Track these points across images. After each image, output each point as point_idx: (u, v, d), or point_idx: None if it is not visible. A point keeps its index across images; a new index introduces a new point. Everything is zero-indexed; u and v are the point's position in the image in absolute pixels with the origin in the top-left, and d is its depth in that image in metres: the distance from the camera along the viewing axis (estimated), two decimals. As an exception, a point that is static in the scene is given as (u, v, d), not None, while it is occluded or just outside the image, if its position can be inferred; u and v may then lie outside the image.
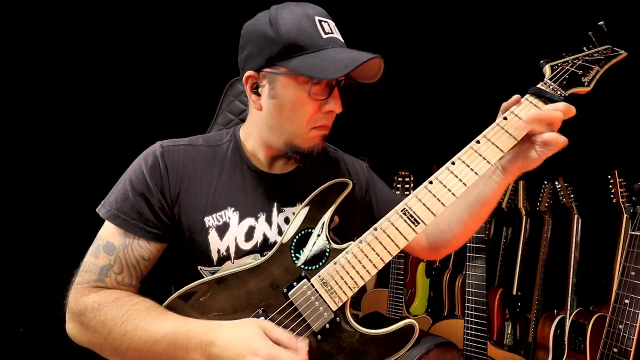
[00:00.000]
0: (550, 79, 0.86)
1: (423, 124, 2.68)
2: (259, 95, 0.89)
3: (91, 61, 1.96)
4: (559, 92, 0.84)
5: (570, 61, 0.89)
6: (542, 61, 0.91)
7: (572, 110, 0.79)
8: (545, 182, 2.19)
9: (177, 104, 2.14)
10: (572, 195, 2.08)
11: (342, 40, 0.89)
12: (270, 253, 0.87)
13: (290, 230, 0.89)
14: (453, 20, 2.50)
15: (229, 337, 0.73)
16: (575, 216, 2.07)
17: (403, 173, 2.22)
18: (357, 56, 0.80)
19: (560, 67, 0.88)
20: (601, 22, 0.90)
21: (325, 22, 0.86)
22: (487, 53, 2.41)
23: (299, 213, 0.90)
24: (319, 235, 0.87)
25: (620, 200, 1.81)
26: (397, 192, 2.18)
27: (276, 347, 0.73)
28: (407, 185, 2.17)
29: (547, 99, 0.82)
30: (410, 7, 2.48)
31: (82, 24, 1.92)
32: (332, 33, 0.86)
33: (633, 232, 1.47)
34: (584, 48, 0.92)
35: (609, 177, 1.86)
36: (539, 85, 0.85)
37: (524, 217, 2.29)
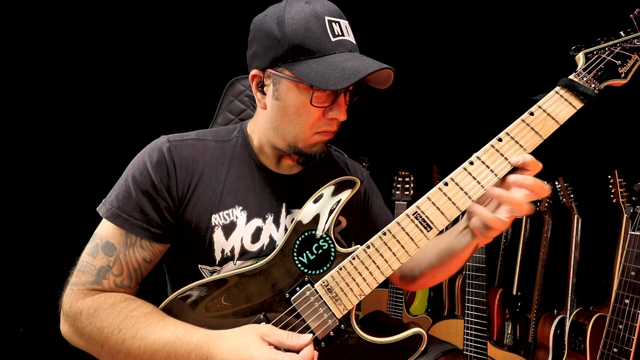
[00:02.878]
0: (583, 69, 0.76)
1: (423, 124, 2.68)
2: (264, 93, 0.86)
3: (92, 59, 1.95)
4: (592, 85, 0.74)
5: (607, 48, 0.78)
6: (574, 47, 0.80)
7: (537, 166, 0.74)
8: (545, 182, 2.18)
9: (176, 104, 2.13)
10: (572, 195, 2.08)
11: (354, 42, 0.84)
12: (272, 254, 0.84)
13: (293, 231, 0.85)
14: (454, 20, 2.50)
15: (228, 348, 0.72)
16: (575, 216, 2.07)
17: (403, 173, 2.21)
18: (363, 66, 0.76)
19: (596, 56, 0.78)
20: (638, 10, 0.78)
21: (336, 22, 0.81)
22: (488, 52, 2.41)
23: (302, 212, 0.86)
24: (323, 237, 0.83)
25: (620, 200, 1.81)
26: (397, 192, 2.17)
27: (274, 351, 0.72)
28: (407, 185, 2.17)
29: (579, 92, 0.74)
30: (411, 5, 2.48)
31: (83, 22, 1.91)
32: (342, 35, 0.81)
33: (633, 232, 1.47)
34: (621, 33, 0.80)
35: (609, 177, 1.86)
36: (570, 77, 0.76)
37: (524, 217, 2.29)
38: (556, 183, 2.13)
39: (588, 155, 2.07)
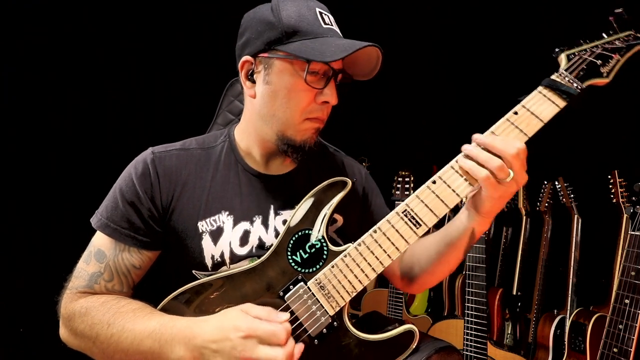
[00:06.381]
0: (565, 70, 0.80)
1: (423, 124, 2.68)
2: (253, 82, 0.88)
3: (89, 62, 1.95)
4: (575, 85, 0.77)
5: (588, 49, 0.81)
6: (557, 49, 0.83)
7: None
8: (545, 182, 2.19)
9: (176, 105, 2.13)
10: (572, 195, 2.08)
11: (341, 34, 0.89)
12: (266, 255, 0.85)
13: (287, 232, 0.86)
14: (453, 19, 2.50)
15: (211, 327, 0.73)
16: (575, 216, 2.07)
17: (403, 173, 2.21)
18: (356, 42, 0.80)
19: (578, 56, 0.81)
20: (619, 10, 0.81)
21: (325, 14, 0.87)
22: (487, 52, 2.41)
23: (295, 213, 0.88)
24: (316, 237, 0.85)
25: (620, 200, 1.81)
26: (397, 192, 2.17)
27: (256, 319, 0.73)
28: (407, 185, 2.17)
29: (561, 91, 0.77)
30: (410, 4, 2.48)
31: (79, 22, 1.91)
32: (331, 25, 0.87)
33: (633, 232, 1.47)
34: (604, 35, 0.83)
35: (609, 177, 1.86)
36: (552, 77, 0.80)
37: (524, 217, 2.29)
38: (556, 183, 2.13)
39: (588, 155, 2.06)
